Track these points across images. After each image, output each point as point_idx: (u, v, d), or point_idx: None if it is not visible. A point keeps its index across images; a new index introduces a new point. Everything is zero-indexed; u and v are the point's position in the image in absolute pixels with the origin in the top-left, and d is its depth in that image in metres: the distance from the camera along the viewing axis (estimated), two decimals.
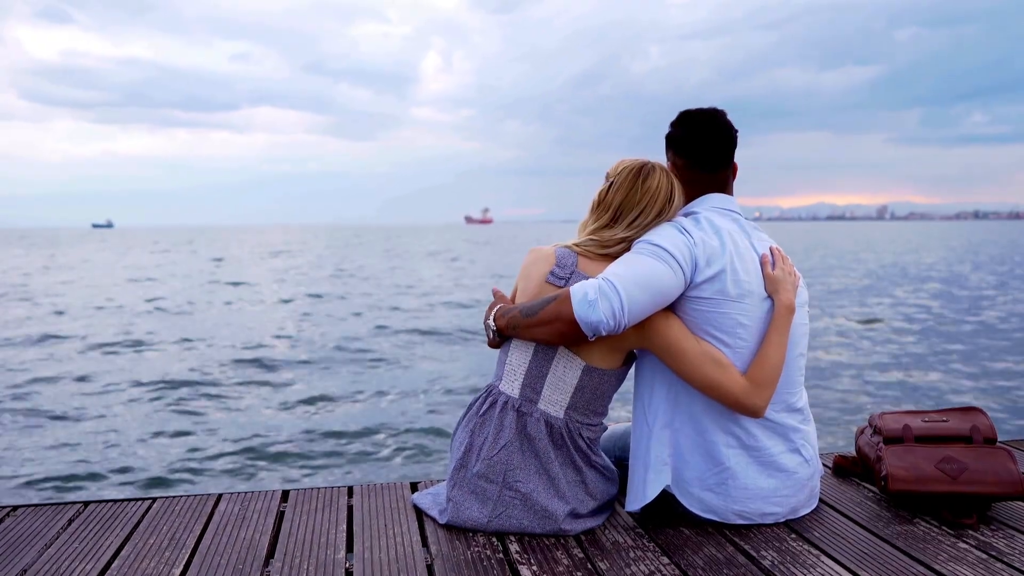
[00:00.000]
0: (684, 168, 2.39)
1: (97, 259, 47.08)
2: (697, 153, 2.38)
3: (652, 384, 2.34)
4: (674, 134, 2.40)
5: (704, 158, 2.38)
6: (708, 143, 2.37)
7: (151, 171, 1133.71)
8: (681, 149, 2.39)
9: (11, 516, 2.44)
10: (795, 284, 2.32)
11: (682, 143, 2.39)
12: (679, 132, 2.39)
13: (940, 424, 2.53)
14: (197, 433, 7.90)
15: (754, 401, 2.20)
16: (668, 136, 2.43)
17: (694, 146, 2.38)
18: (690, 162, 2.39)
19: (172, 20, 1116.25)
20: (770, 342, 2.23)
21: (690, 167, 2.39)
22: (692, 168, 2.39)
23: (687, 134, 2.38)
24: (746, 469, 2.28)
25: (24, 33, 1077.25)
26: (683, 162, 2.39)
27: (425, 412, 8.76)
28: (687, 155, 2.38)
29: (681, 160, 2.40)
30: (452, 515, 2.30)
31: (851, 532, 2.30)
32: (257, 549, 2.19)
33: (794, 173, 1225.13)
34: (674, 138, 2.41)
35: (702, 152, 2.37)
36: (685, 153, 2.39)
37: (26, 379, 10.57)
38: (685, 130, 2.39)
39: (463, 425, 2.37)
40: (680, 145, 2.39)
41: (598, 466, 2.35)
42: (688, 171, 2.39)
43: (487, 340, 2.37)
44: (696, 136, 2.37)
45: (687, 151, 2.38)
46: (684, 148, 2.39)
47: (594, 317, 2.07)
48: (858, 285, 25.48)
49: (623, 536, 2.27)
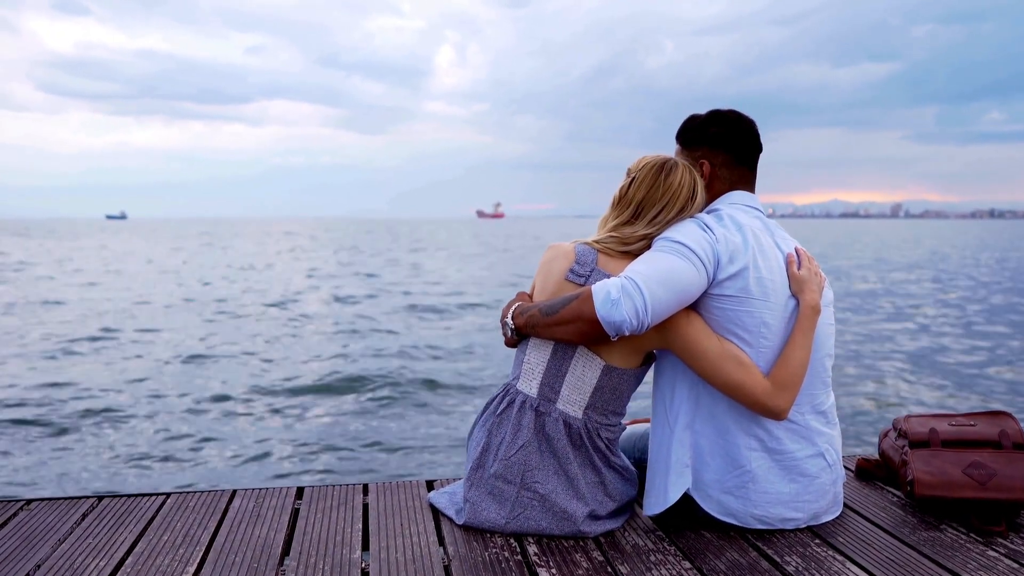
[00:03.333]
0: (722, 165, 2.36)
1: (138, 250, 47.41)
2: (737, 148, 2.36)
3: (673, 384, 2.29)
4: (712, 131, 2.36)
5: (743, 153, 2.37)
6: (747, 138, 2.37)
7: (165, 163, 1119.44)
8: (720, 144, 2.36)
9: (25, 510, 2.43)
10: (820, 285, 2.27)
11: (722, 139, 2.36)
12: (718, 129, 2.36)
13: (968, 428, 2.47)
14: (212, 427, 7.91)
15: (776, 403, 2.15)
16: (702, 135, 2.38)
17: (734, 141, 2.36)
18: (730, 158, 2.36)
19: (187, 12, 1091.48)
20: (794, 343, 2.18)
21: (728, 164, 2.36)
22: (730, 165, 2.36)
23: (727, 130, 2.36)
24: (768, 473, 2.23)
25: (40, 25, 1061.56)
26: (722, 158, 2.36)
27: (439, 408, 8.74)
28: (728, 150, 2.36)
29: (720, 156, 2.36)
30: (469, 516, 2.27)
31: (876, 538, 2.25)
32: (272, 547, 2.17)
33: (808, 170, 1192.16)
34: (712, 135, 2.36)
35: (742, 147, 2.36)
36: (726, 148, 2.36)
37: (51, 377, 10.63)
38: (723, 127, 2.36)
39: (480, 424, 2.34)
40: (719, 141, 2.36)
41: (617, 467, 2.31)
42: (725, 168, 2.37)
43: (504, 338, 2.33)
44: (735, 131, 2.36)
45: (728, 146, 2.36)
46: (725, 143, 2.36)
47: (617, 317, 2.02)
48: (880, 284, 25.24)
49: (643, 539, 2.23)
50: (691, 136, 2.40)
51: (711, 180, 2.36)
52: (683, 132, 2.42)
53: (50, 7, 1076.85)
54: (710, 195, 2.37)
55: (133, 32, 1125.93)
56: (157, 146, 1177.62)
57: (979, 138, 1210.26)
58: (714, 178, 2.36)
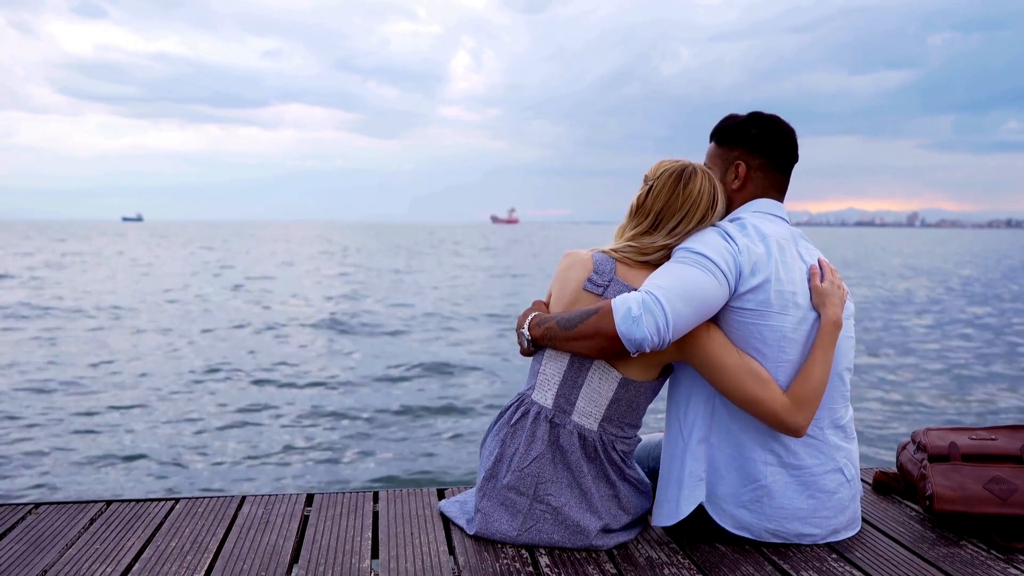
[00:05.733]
0: (758, 168, 2.30)
1: (162, 254, 47.59)
2: (776, 153, 2.30)
3: (689, 397, 2.25)
4: (753, 132, 2.29)
5: (781, 159, 2.31)
6: (787, 145, 2.31)
7: (180, 166, 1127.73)
8: (759, 147, 2.29)
9: (33, 514, 2.42)
10: (843, 298, 2.22)
11: (762, 141, 2.29)
12: (759, 131, 2.29)
13: (988, 442, 2.43)
14: (222, 431, 7.91)
15: (795, 419, 2.11)
16: (741, 135, 2.30)
17: (774, 146, 2.29)
18: (767, 162, 2.30)
19: (203, 16, 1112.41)
20: (815, 358, 2.13)
21: (764, 168, 2.30)
22: (766, 169, 2.30)
23: (768, 134, 2.29)
24: (784, 488, 2.19)
25: (59, 28, 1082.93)
26: (759, 162, 2.29)
27: (450, 417, 8.72)
28: (766, 154, 2.29)
29: (757, 160, 2.29)
30: (480, 526, 2.23)
31: (895, 553, 2.21)
32: (280, 555, 2.14)
33: (823, 178, 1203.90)
34: (753, 136, 2.29)
35: (781, 153, 2.30)
36: (764, 151, 2.29)
37: (71, 374, 10.66)
38: (764, 130, 2.29)
39: (493, 433, 2.30)
40: (759, 143, 2.29)
41: (632, 479, 2.27)
42: (761, 171, 2.30)
43: (520, 348, 2.30)
44: (776, 136, 2.29)
45: (766, 150, 2.29)
46: (764, 146, 2.29)
47: (638, 334, 1.98)
48: (900, 295, 25.03)
49: (657, 551, 2.20)
50: (729, 134, 2.33)
51: (745, 182, 2.30)
52: (721, 130, 2.34)
53: (68, 10, 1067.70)
54: (741, 198, 2.30)
55: (150, 35, 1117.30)
56: (173, 149, 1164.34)
57: (996, 147, 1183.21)
58: (748, 180, 2.30)
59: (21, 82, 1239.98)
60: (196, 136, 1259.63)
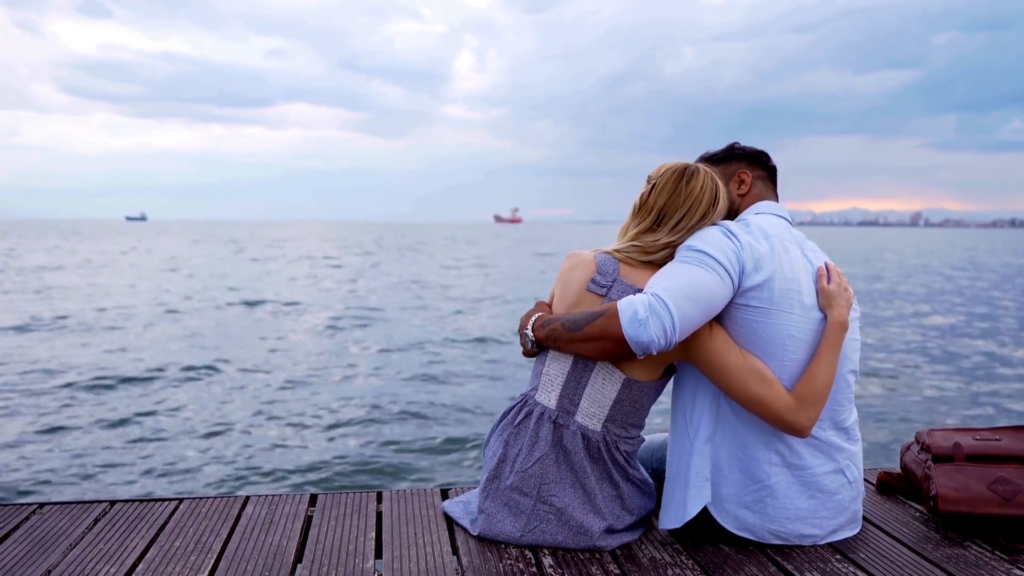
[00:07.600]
0: (757, 177, 2.42)
1: (181, 254, 47.67)
2: (766, 166, 2.44)
3: (694, 397, 2.25)
4: (739, 151, 2.44)
5: (771, 171, 2.45)
6: (768, 160, 2.45)
7: (184, 165, 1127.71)
8: (753, 161, 2.43)
9: (37, 514, 2.42)
10: (849, 301, 2.21)
11: (753, 157, 2.43)
12: (744, 150, 2.44)
13: (992, 443, 2.42)
14: (226, 432, 7.92)
15: (799, 419, 2.10)
16: (731, 154, 2.44)
17: (762, 160, 2.43)
18: (763, 173, 2.43)
19: (208, 15, 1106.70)
20: (820, 359, 2.13)
21: (763, 177, 2.43)
22: (764, 178, 2.43)
23: (753, 151, 2.44)
24: (787, 489, 2.19)
25: (64, 27, 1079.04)
26: (757, 171, 2.42)
27: (454, 416, 8.72)
28: (761, 167, 2.43)
29: (756, 169, 2.43)
30: (484, 527, 2.23)
31: (898, 554, 2.20)
32: (284, 555, 2.14)
33: (827, 177, 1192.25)
34: (742, 152, 2.44)
35: (769, 165, 2.44)
36: (758, 165, 2.43)
37: (83, 375, 10.68)
38: (748, 149, 2.44)
39: (497, 434, 2.30)
40: (751, 158, 2.43)
41: (635, 480, 2.27)
42: (760, 180, 2.42)
43: (523, 349, 2.30)
44: (758, 153, 2.44)
45: (759, 164, 2.43)
46: (756, 160, 2.43)
47: (645, 337, 1.98)
48: (904, 294, 24.97)
49: (660, 552, 2.20)
50: (721, 156, 2.45)
51: (749, 188, 2.40)
52: (711, 157, 2.47)
53: (73, 9, 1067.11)
54: (746, 203, 2.39)
55: (154, 35, 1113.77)
56: (177, 148, 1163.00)
57: (1000, 147, 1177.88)
58: (752, 186, 2.40)
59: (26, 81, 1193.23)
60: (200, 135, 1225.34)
